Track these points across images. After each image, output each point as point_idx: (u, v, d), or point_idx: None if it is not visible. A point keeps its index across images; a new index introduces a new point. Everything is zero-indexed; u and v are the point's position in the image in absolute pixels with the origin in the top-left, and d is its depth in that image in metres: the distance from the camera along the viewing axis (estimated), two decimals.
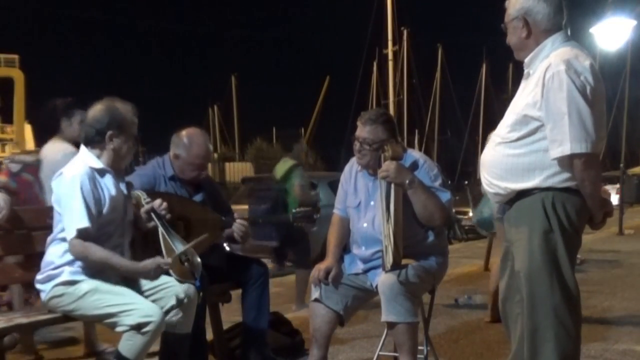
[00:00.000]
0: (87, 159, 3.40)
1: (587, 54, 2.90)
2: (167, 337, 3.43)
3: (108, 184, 3.39)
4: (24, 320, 3.39)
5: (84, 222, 3.24)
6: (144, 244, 3.62)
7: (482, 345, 5.01)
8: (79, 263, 3.33)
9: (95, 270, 3.33)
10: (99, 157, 3.41)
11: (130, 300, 3.25)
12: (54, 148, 4.71)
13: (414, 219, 3.58)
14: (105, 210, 3.34)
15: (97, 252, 3.26)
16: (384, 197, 3.52)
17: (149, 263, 3.31)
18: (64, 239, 3.32)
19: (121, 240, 3.45)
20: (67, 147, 4.60)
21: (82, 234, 3.24)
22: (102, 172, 3.39)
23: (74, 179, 3.29)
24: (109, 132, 3.38)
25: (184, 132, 4.13)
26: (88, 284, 3.30)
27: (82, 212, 3.24)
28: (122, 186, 3.49)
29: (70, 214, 3.26)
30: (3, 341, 3.22)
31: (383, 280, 3.46)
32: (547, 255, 2.84)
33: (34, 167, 4.87)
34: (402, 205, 3.48)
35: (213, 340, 4.31)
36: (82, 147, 3.45)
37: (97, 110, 3.42)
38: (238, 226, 4.04)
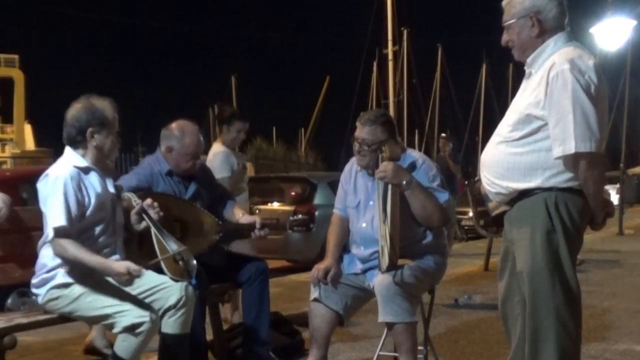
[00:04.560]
0: (71, 158, 3.39)
1: (590, 53, 2.89)
2: (166, 337, 3.43)
3: (93, 182, 3.38)
4: (23, 320, 3.39)
5: (61, 221, 3.22)
6: (139, 245, 3.62)
7: (482, 345, 5.01)
8: (64, 261, 3.31)
9: (87, 270, 3.32)
10: (83, 156, 3.40)
11: (124, 301, 3.25)
12: (212, 149, 5.60)
13: (413, 219, 3.58)
14: (91, 208, 3.33)
15: (70, 248, 3.22)
16: (381, 198, 3.51)
17: (120, 266, 3.25)
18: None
19: (112, 240, 3.44)
20: (219, 148, 5.50)
21: (59, 233, 3.22)
22: (87, 171, 3.38)
23: (57, 179, 3.28)
24: (90, 130, 3.37)
25: (173, 125, 4.12)
26: (82, 285, 3.29)
27: (60, 211, 3.23)
28: (109, 184, 3.48)
29: (51, 212, 3.25)
30: (3, 341, 3.22)
31: (379, 281, 3.47)
32: (549, 256, 2.84)
33: None
34: (399, 206, 3.48)
35: (213, 340, 4.31)
36: (67, 148, 3.43)
37: (75, 109, 3.40)
38: (260, 233, 4.07)
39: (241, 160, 5.72)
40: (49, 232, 3.25)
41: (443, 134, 12.42)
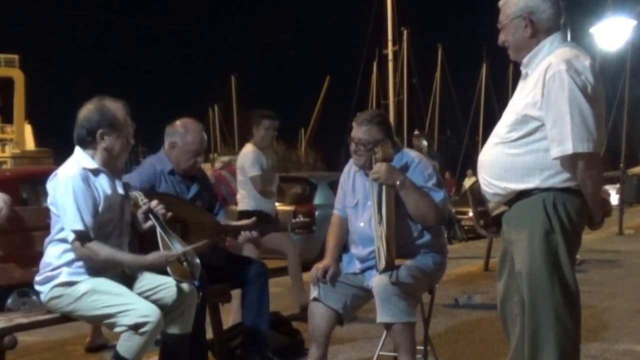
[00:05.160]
0: (81, 159, 3.39)
1: (586, 54, 2.89)
2: (167, 337, 3.44)
3: (103, 183, 3.39)
4: (24, 320, 3.39)
5: (79, 224, 3.24)
6: (140, 244, 3.62)
7: (482, 345, 5.01)
8: (77, 264, 3.33)
9: (95, 270, 3.33)
10: (92, 157, 3.40)
11: (127, 301, 3.26)
12: (242, 150, 5.90)
13: (409, 218, 3.58)
14: (100, 210, 3.34)
15: (101, 251, 3.27)
16: (376, 198, 3.52)
17: (156, 257, 3.33)
18: (61, 240, 3.33)
19: (119, 241, 3.45)
20: (250, 148, 5.75)
21: (80, 236, 3.25)
22: (96, 172, 3.38)
23: (67, 180, 3.29)
24: (100, 131, 3.37)
25: (178, 122, 4.15)
26: (86, 284, 3.30)
27: (75, 214, 3.24)
28: (119, 186, 3.49)
29: (67, 216, 3.27)
30: (3, 341, 3.22)
31: (377, 281, 3.47)
32: (548, 256, 2.84)
33: (233, 166, 6.05)
34: (394, 206, 3.48)
35: (213, 340, 4.31)
36: (77, 148, 3.44)
37: (87, 110, 3.41)
38: (247, 235, 4.06)
39: (271, 161, 5.80)
40: (69, 235, 3.27)
41: (416, 132, 12.41)
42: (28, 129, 50.67)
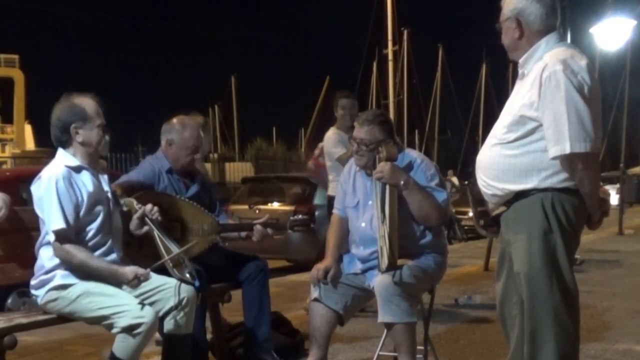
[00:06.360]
0: (62, 159, 3.40)
1: (582, 54, 2.90)
2: (169, 338, 3.43)
3: (85, 181, 3.39)
4: (24, 320, 3.39)
5: (60, 224, 3.24)
6: (139, 246, 3.61)
7: (482, 345, 5.01)
8: (69, 266, 3.32)
9: (88, 272, 3.32)
10: (74, 155, 3.41)
11: (122, 302, 3.26)
12: (325, 136, 6.04)
13: (412, 218, 3.58)
14: (84, 207, 3.34)
15: (77, 254, 3.26)
16: (379, 198, 3.52)
17: (128, 270, 3.28)
18: (50, 242, 3.33)
19: (107, 239, 3.43)
20: (331, 132, 5.91)
21: (60, 236, 3.24)
22: (78, 170, 3.38)
23: (50, 180, 3.29)
24: (73, 126, 3.37)
25: (174, 119, 4.16)
26: (80, 287, 3.30)
27: (57, 213, 3.24)
28: (104, 183, 3.48)
29: (48, 216, 3.27)
30: (3, 341, 3.22)
31: (379, 281, 3.47)
32: (547, 256, 2.84)
33: None
34: (397, 206, 3.49)
35: (213, 340, 4.31)
36: (59, 149, 3.44)
37: (56, 110, 3.42)
38: (261, 230, 4.05)
39: None
40: (50, 236, 3.26)
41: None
42: (28, 129, 50.60)
